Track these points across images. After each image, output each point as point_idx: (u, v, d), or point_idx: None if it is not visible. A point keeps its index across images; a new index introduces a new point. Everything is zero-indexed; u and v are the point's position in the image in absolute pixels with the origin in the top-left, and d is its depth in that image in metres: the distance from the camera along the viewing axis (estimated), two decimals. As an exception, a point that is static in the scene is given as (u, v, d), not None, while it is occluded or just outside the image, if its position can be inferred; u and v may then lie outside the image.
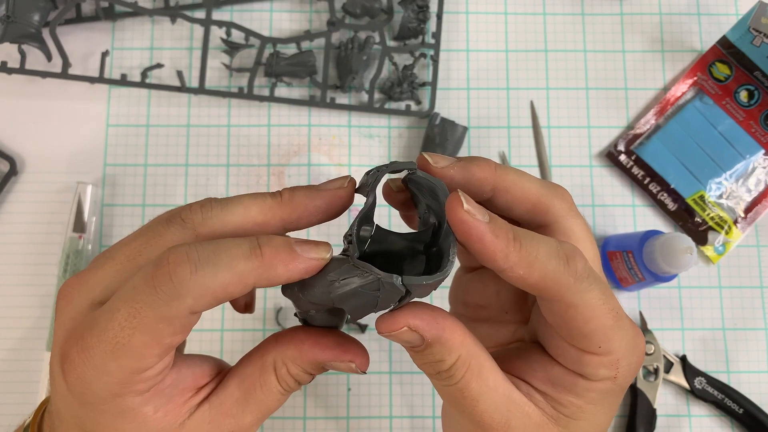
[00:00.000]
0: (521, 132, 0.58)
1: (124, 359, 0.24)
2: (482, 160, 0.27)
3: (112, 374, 0.24)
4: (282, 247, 0.24)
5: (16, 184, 0.55)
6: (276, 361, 0.27)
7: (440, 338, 0.25)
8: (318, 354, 0.27)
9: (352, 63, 0.56)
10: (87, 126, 0.57)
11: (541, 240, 0.25)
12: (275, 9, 0.59)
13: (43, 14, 0.55)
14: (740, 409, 0.52)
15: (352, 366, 0.27)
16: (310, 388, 0.53)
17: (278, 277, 0.24)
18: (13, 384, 0.52)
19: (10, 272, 0.54)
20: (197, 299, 0.23)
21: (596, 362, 0.25)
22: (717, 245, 0.55)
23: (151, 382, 0.25)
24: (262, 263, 0.24)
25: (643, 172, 0.56)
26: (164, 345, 0.24)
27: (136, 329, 0.23)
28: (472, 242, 0.24)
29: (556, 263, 0.24)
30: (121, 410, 0.25)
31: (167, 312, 0.23)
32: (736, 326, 0.55)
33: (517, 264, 0.24)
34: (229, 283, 0.24)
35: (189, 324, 0.24)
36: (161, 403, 0.26)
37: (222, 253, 0.24)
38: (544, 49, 0.59)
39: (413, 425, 0.52)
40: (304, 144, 0.57)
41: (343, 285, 0.24)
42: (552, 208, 0.28)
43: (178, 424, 0.26)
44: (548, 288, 0.24)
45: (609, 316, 0.25)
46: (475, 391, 0.25)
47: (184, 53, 0.58)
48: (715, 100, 0.57)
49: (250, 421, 0.27)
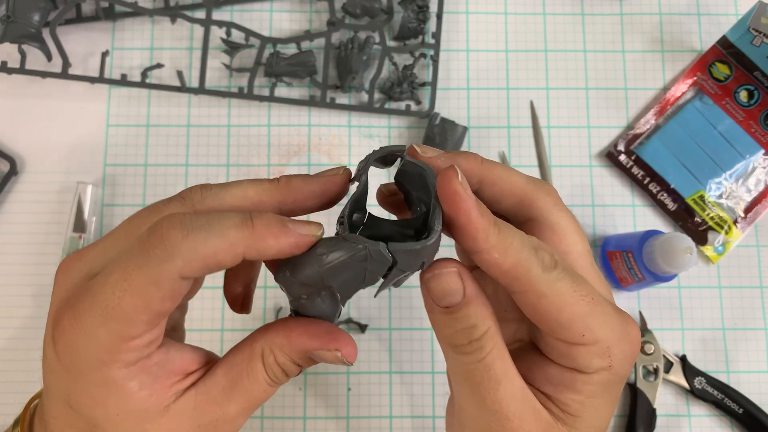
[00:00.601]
0: (521, 132, 0.58)
1: (113, 323, 0.24)
2: (469, 153, 0.28)
3: (101, 339, 0.24)
4: (274, 221, 0.25)
5: (16, 184, 0.55)
6: (264, 349, 0.27)
7: (479, 296, 0.25)
8: (305, 342, 0.27)
9: (352, 63, 0.56)
10: (87, 126, 0.57)
11: (516, 231, 0.25)
12: (275, 9, 0.59)
13: (43, 14, 0.55)
14: (740, 409, 0.52)
15: (338, 355, 0.27)
16: (310, 388, 0.53)
17: (268, 249, 0.25)
18: (13, 384, 0.53)
19: (10, 272, 0.54)
20: (187, 262, 0.24)
21: (585, 352, 0.25)
22: (717, 245, 0.55)
23: (138, 354, 0.25)
24: (253, 234, 0.25)
25: (643, 172, 0.56)
26: (153, 310, 0.24)
27: (127, 291, 0.24)
28: (459, 215, 0.24)
29: (528, 253, 0.25)
30: (106, 381, 0.25)
31: (157, 274, 0.24)
32: (736, 326, 0.55)
33: (494, 247, 0.24)
34: (219, 250, 0.24)
35: (179, 290, 0.25)
36: (147, 381, 0.26)
37: (214, 222, 0.25)
38: (544, 49, 0.59)
39: (413, 425, 0.52)
40: (304, 144, 0.57)
41: (332, 258, 0.25)
42: (538, 202, 0.28)
43: (163, 407, 0.26)
44: (519, 276, 0.25)
45: (583, 303, 0.25)
46: (499, 372, 0.25)
47: (184, 53, 0.58)
48: (715, 100, 0.57)
49: (235, 411, 0.27)
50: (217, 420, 0.27)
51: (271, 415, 0.52)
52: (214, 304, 0.54)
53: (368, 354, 0.53)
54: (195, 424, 0.26)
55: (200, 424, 0.26)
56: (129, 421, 0.26)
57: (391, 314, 0.54)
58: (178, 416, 0.26)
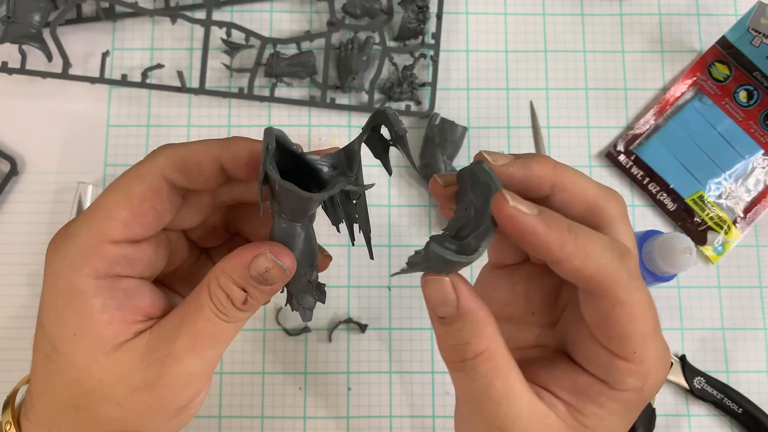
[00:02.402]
0: (521, 132, 0.58)
1: (94, 219, 0.26)
2: (542, 157, 0.27)
3: (78, 238, 0.26)
4: (248, 137, 0.28)
5: (16, 184, 0.55)
6: (210, 278, 0.27)
7: (474, 313, 0.25)
8: (241, 253, 0.27)
9: (352, 63, 0.56)
10: (87, 126, 0.57)
11: (596, 234, 0.25)
12: (275, 9, 0.59)
13: (44, 14, 0.55)
14: (739, 409, 0.52)
15: (268, 256, 0.26)
16: (310, 388, 0.53)
17: (241, 150, 0.27)
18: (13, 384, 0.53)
19: (10, 272, 0.54)
20: (168, 159, 0.26)
21: (627, 369, 0.25)
22: (716, 245, 0.55)
23: (108, 264, 0.26)
24: (228, 141, 0.27)
25: (643, 173, 0.56)
26: (132, 207, 0.26)
27: (114, 188, 0.26)
28: (523, 236, 0.24)
29: (611, 257, 0.24)
30: (72, 290, 0.26)
31: (142, 169, 0.26)
32: (736, 326, 0.55)
33: (573, 254, 0.24)
34: (197, 150, 0.27)
35: (159, 191, 0.26)
36: (110, 304, 0.26)
37: (195, 140, 0.28)
38: (544, 49, 0.59)
39: (413, 425, 0.52)
40: (304, 144, 0.57)
41: (263, 144, 0.26)
42: (607, 212, 0.27)
43: (119, 341, 0.26)
44: (601, 282, 0.24)
45: (651, 322, 0.25)
46: (499, 393, 0.25)
47: (185, 53, 0.58)
48: (715, 100, 0.57)
49: (182, 346, 0.26)
50: (164, 357, 0.26)
51: (271, 415, 0.52)
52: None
53: (368, 354, 0.53)
54: (144, 362, 0.26)
55: (149, 361, 0.26)
56: (83, 345, 0.26)
57: (391, 314, 0.54)
58: (130, 353, 0.26)
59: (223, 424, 0.52)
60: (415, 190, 0.56)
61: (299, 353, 0.53)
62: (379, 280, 0.55)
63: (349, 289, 0.54)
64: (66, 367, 0.26)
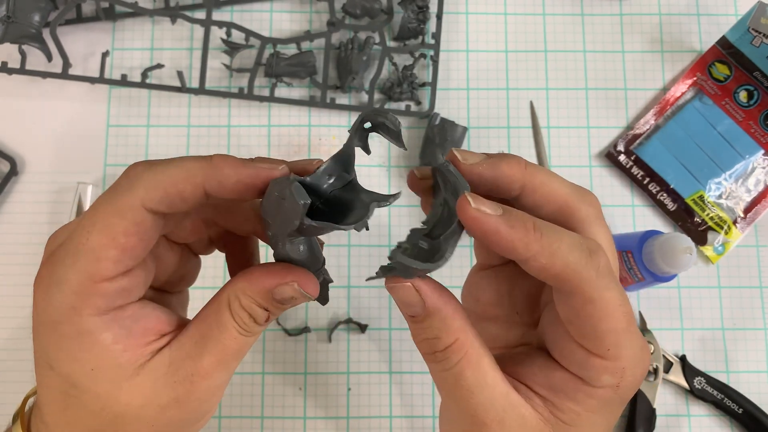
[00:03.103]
0: (521, 132, 0.58)
1: (83, 261, 0.25)
2: (512, 157, 0.27)
3: (71, 281, 0.25)
4: (235, 158, 0.26)
5: (16, 185, 0.55)
6: (230, 296, 0.27)
7: (440, 311, 0.26)
8: (264, 280, 0.27)
9: (352, 63, 0.56)
10: (87, 126, 0.57)
11: (564, 232, 0.25)
12: (275, 9, 0.59)
13: (44, 14, 0.55)
14: (739, 409, 0.52)
15: (295, 287, 0.27)
16: (310, 388, 0.53)
17: (226, 178, 0.26)
18: (13, 384, 0.53)
19: (10, 272, 0.54)
20: (148, 190, 0.25)
21: (602, 367, 0.25)
22: (716, 245, 0.55)
23: (109, 301, 0.26)
24: (211, 164, 0.26)
25: (643, 173, 0.56)
26: (119, 245, 0.25)
27: (95, 226, 0.25)
28: (487, 236, 0.24)
29: (579, 255, 0.24)
30: (79, 332, 0.25)
31: (121, 204, 0.25)
32: (736, 326, 0.55)
33: (539, 253, 0.24)
34: (178, 179, 0.25)
35: (143, 224, 0.26)
36: (121, 334, 0.26)
37: (177, 160, 0.26)
38: (544, 49, 0.59)
39: (413, 425, 0.52)
40: (304, 144, 0.57)
41: (269, 193, 0.26)
42: (579, 213, 0.27)
43: (138, 364, 0.26)
44: (569, 279, 0.24)
45: (623, 319, 0.25)
46: (470, 382, 0.26)
47: (185, 53, 0.58)
48: (715, 100, 0.57)
49: (209, 363, 0.27)
50: (191, 375, 0.27)
51: (271, 415, 0.52)
52: (214, 304, 0.54)
53: (368, 354, 0.53)
54: (171, 381, 0.26)
55: (175, 380, 0.26)
56: (104, 378, 0.26)
57: (391, 314, 0.54)
58: (153, 373, 0.26)
59: (223, 424, 0.52)
60: (415, 190, 0.56)
61: (299, 353, 0.53)
62: (379, 280, 0.55)
63: (349, 289, 0.54)
64: (89, 400, 0.26)
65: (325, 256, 0.30)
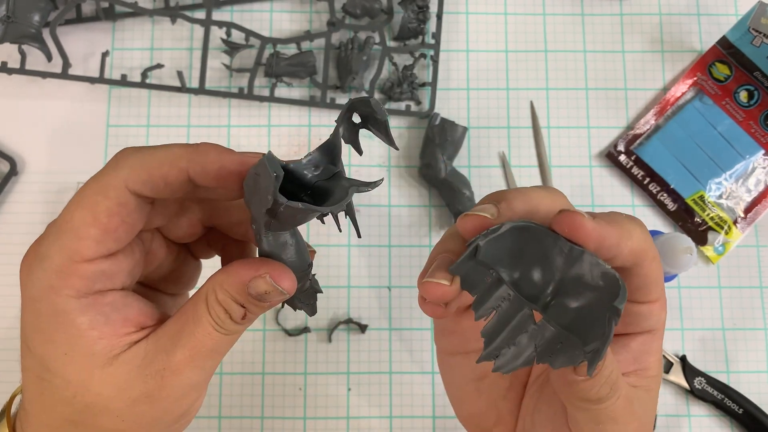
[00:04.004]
0: (521, 132, 0.58)
1: (64, 239, 0.25)
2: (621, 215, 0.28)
3: (52, 258, 0.25)
4: (218, 145, 0.26)
5: (16, 184, 0.55)
6: (207, 290, 0.27)
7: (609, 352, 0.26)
8: (240, 272, 0.26)
9: (352, 63, 0.56)
10: (87, 126, 0.57)
11: (619, 214, 0.27)
12: (275, 9, 0.59)
13: (44, 14, 0.55)
14: (740, 409, 0.52)
15: (268, 280, 0.26)
16: (310, 388, 0.53)
17: (210, 163, 0.26)
18: (13, 384, 0.52)
19: (10, 272, 0.54)
20: (132, 171, 0.25)
21: (659, 307, 0.29)
22: (717, 245, 0.55)
23: (88, 283, 0.25)
24: (196, 149, 0.26)
25: (643, 173, 0.56)
26: (102, 224, 0.25)
27: (78, 204, 0.25)
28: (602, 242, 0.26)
29: (636, 227, 0.27)
30: (56, 311, 0.25)
31: (105, 182, 0.25)
32: (736, 326, 0.55)
33: (625, 240, 0.26)
34: (163, 162, 0.25)
35: (126, 205, 0.25)
36: (98, 320, 0.26)
37: (163, 145, 0.26)
38: (544, 49, 0.59)
39: (413, 425, 0.52)
40: (304, 144, 0.57)
41: (250, 173, 0.25)
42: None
43: (113, 354, 0.26)
44: (643, 250, 0.27)
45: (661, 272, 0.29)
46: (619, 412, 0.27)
47: (185, 53, 0.58)
48: (715, 100, 0.57)
49: (181, 358, 0.26)
50: (163, 369, 0.26)
51: (271, 415, 0.52)
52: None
53: (368, 354, 0.53)
54: (142, 374, 0.26)
55: (147, 374, 0.26)
56: (77, 363, 0.26)
57: (391, 314, 0.54)
58: (126, 365, 0.26)
59: (223, 425, 0.52)
60: (415, 190, 0.56)
61: (299, 353, 0.53)
62: (379, 280, 0.55)
63: (349, 289, 0.54)
64: (61, 385, 0.26)
65: (325, 258, 0.30)
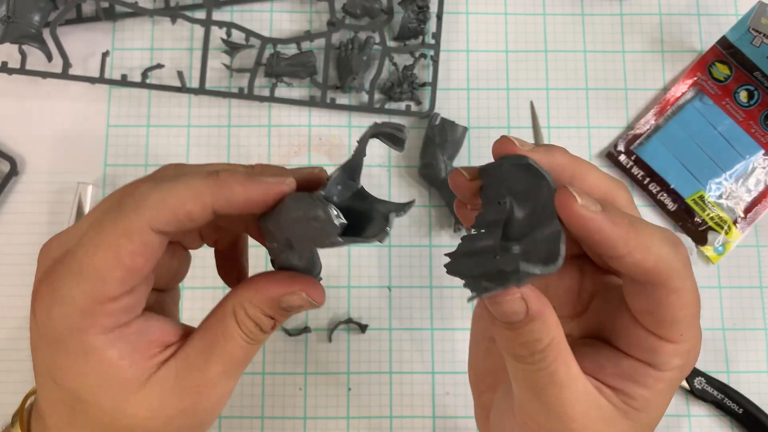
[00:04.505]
0: (521, 132, 0.58)
1: (87, 282, 0.25)
2: (558, 148, 0.27)
3: (76, 301, 0.25)
4: (241, 173, 0.26)
5: (16, 185, 0.55)
6: (235, 306, 0.27)
7: (543, 314, 0.25)
8: (271, 289, 0.27)
9: (352, 63, 0.56)
10: (87, 126, 0.57)
11: (654, 227, 0.25)
12: (275, 9, 0.59)
13: (44, 14, 0.55)
14: (740, 409, 0.52)
15: (303, 296, 0.27)
16: (310, 388, 0.53)
17: (235, 197, 0.25)
18: (14, 384, 0.53)
19: (10, 272, 0.54)
20: (155, 212, 0.25)
21: (672, 351, 0.26)
22: (717, 245, 0.55)
23: (115, 319, 0.25)
24: (218, 182, 0.25)
25: (643, 173, 0.56)
26: (125, 266, 0.25)
27: (99, 247, 0.25)
28: (591, 234, 0.24)
29: (669, 249, 0.24)
30: (85, 350, 0.25)
31: (127, 225, 0.25)
32: (736, 326, 0.55)
33: (635, 248, 0.24)
34: (186, 199, 0.25)
35: (150, 245, 0.25)
36: (126, 350, 0.26)
37: (182, 177, 0.26)
38: (544, 49, 0.59)
39: (413, 425, 0.52)
40: (304, 144, 0.57)
41: (291, 211, 0.25)
42: (618, 201, 0.27)
43: (144, 378, 0.26)
44: (660, 272, 0.24)
45: (697, 305, 0.26)
46: (563, 377, 0.26)
47: (185, 54, 0.58)
48: (715, 100, 0.57)
49: (215, 373, 0.27)
50: (198, 385, 0.27)
51: (271, 415, 0.52)
52: (214, 304, 0.54)
53: (368, 354, 0.53)
54: (178, 392, 0.27)
55: (183, 392, 0.27)
56: (111, 392, 0.26)
57: (391, 314, 0.54)
58: (159, 386, 0.26)
59: (223, 424, 0.52)
60: (415, 190, 0.56)
61: (299, 353, 0.53)
62: (379, 280, 0.55)
63: (349, 289, 0.54)
64: (96, 413, 0.26)
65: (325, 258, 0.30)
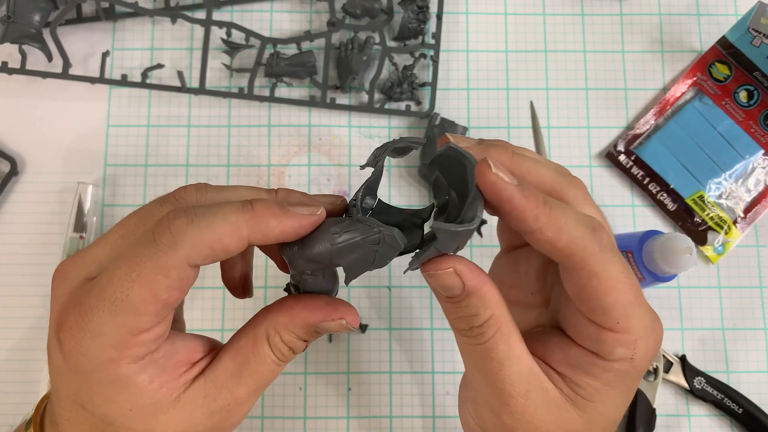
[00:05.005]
0: (521, 132, 0.58)
1: (122, 316, 0.24)
2: (500, 144, 0.28)
3: (109, 335, 0.25)
4: (274, 204, 0.26)
5: (16, 185, 0.55)
6: (268, 330, 0.28)
7: (479, 290, 0.26)
8: (308, 316, 0.28)
9: (352, 63, 0.56)
10: (87, 126, 0.57)
11: (570, 209, 0.26)
12: (275, 9, 0.59)
13: (44, 14, 0.55)
14: (740, 409, 0.52)
15: (343, 323, 0.28)
16: (310, 388, 0.53)
17: (271, 230, 0.26)
18: (14, 384, 0.53)
19: (10, 272, 0.54)
20: (194, 248, 0.25)
21: (613, 340, 0.26)
22: (716, 245, 0.55)
23: (146, 348, 0.26)
24: (254, 215, 0.25)
25: (643, 173, 0.56)
26: (162, 301, 0.25)
27: (135, 282, 0.24)
28: (501, 202, 0.25)
29: (584, 230, 0.25)
30: (116, 378, 0.25)
31: (165, 262, 0.24)
32: (736, 326, 0.55)
33: (546, 226, 0.25)
34: (224, 234, 0.25)
35: (186, 279, 0.25)
36: (156, 373, 0.26)
37: (217, 209, 0.25)
38: (544, 49, 0.59)
39: (413, 425, 0.52)
40: (304, 144, 0.57)
41: (345, 238, 0.25)
42: (566, 197, 0.28)
43: (174, 398, 0.26)
44: (574, 254, 0.25)
45: (629, 292, 0.26)
46: (502, 354, 0.26)
47: (185, 53, 0.58)
48: (715, 100, 0.57)
49: (245, 393, 0.28)
50: (228, 404, 0.27)
51: (271, 415, 0.52)
52: (214, 304, 0.54)
53: (368, 354, 0.53)
54: (207, 411, 0.27)
55: (212, 410, 0.27)
56: (142, 415, 0.26)
57: (391, 314, 0.54)
58: (189, 405, 0.27)
59: (223, 424, 0.52)
60: (415, 190, 0.56)
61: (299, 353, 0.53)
62: (379, 280, 0.55)
63: (349, 290, 0.54)
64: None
65: None
